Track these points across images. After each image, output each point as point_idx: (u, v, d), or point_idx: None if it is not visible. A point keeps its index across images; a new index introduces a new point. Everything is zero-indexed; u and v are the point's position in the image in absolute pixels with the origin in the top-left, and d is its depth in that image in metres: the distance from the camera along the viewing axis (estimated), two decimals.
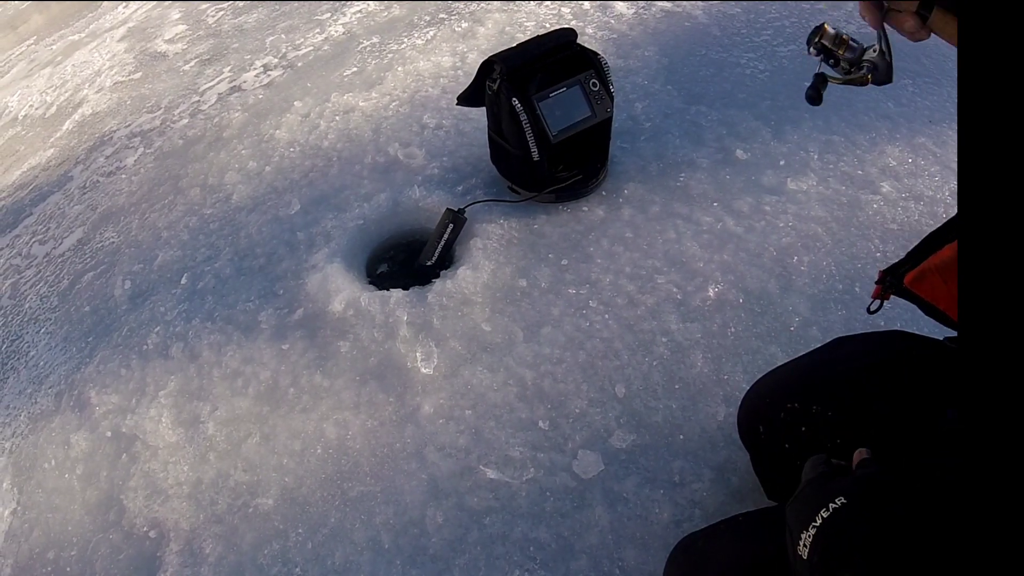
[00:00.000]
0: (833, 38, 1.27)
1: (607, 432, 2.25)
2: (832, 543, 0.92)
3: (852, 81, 1.28)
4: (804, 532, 0.95)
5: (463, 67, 4.22)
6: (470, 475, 2.24)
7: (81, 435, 2.73)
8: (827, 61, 1.30)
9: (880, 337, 1.54)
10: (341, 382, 2.59)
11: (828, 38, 1.27)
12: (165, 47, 6.42)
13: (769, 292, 2.52)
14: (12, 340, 3.48)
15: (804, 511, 0.98)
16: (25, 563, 2.47)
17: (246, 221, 3.51)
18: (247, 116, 4.50)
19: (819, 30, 1.28)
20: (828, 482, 1.01)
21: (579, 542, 2.03)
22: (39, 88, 6.78)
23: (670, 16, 4.25)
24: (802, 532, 0.95)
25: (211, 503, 2.39)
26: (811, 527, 0.94)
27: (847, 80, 1.29)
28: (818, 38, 1.28)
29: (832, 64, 1.29)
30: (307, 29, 5.65)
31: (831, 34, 1.27)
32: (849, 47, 1.26)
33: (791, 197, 2.82)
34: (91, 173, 4.68)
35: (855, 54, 1.26)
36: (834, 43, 1.27)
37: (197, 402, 2.68)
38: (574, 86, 2.76)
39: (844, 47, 1.26)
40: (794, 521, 0.99)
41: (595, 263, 2.75)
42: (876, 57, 1.24)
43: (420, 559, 2.09)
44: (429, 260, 2.90)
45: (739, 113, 3.31)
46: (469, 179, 3.29)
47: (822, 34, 1.28)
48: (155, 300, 3.23)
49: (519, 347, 2.54)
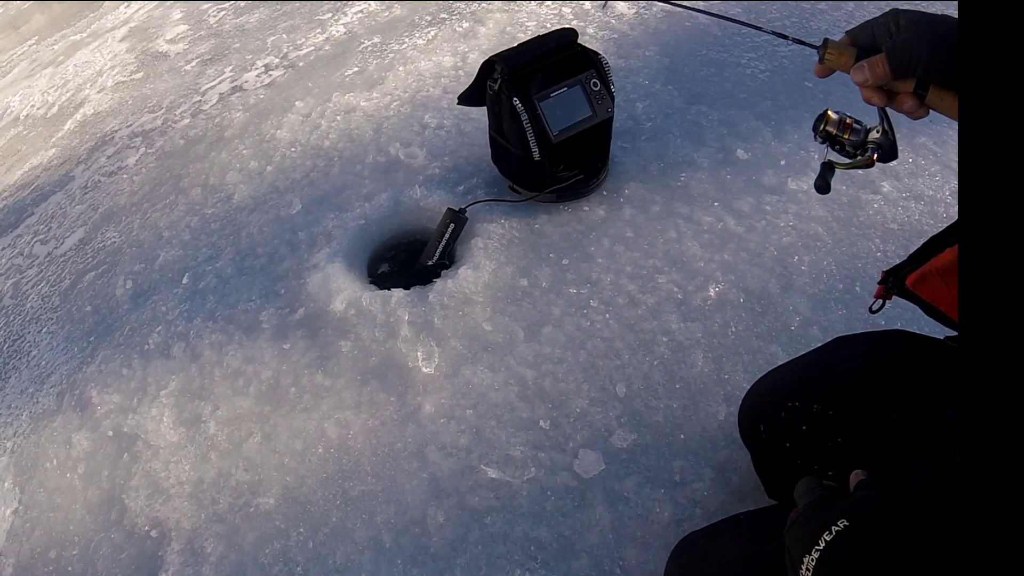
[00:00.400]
0: (837, 123, 1.27)
1: (608, 431, 2.25)
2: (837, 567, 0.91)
3: (858, 165, 1.29)
4: (807, 556, 0.94)
5: (464, 67, 4.23)
6: (471, 474, 2.24)
7: (83, 434, 2.74)
8: (833, 147, 1.31)
9: (881, 336, 1.54)
10: (342, 381, 2.59)
11: (832, 124, 1.28)
12: (167, 47, 6.44)
13: (770, 292, 2.52)
14: (14, 340, 3.49)
15: (806, 534, 0.97)
16: (27, 562, 2.47)
17: (247, 221, 3.51)
18: (248, 116, 4.50)
19: (823, 117, 1.29)
20: (829, 505, 1.01)
21: (580, 541, 2.03)
22: (41, 88, 6.79)
23: (671, 16, 4.25)
24: (804, 556, 0.95)
25: (212, 502, 2.39)
26: (814, 551, 0.94)
27: (853, 165, 1.30)
28: (823, 125, 1.29)
29: (837, 149, 1.31)
30: (308, 29, 5.66)
31: (835, 120, 1.28)
32: (853, 130, 1.27)
33: (792, 197, 2.82)
34: (93, 173, 4.69)
35: (859, 136, 1.27)
36: (839, 128, 1.27)
37: (198, 401, 2.69)
38: (575, 86, 2.76)
39: (848, 131, 1.27)
40: (795, 544, 0.98)
41: (596, 263, 2.75)
42: (880, 137, 1.25)
43: (421, 558, 2.09)
44: (430, 260, 2.90)
45: (740, 113, 3.31)
46: (470, 179, 3.29)
47: (826, 121, 1.28)
48: (156, 300, 3.24)
49: (520, 346, 2.54)
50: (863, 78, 1.16)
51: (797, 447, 1.51)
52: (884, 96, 1.17)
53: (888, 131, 1.23)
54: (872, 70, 1.14)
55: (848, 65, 1.19)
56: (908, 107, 1.15)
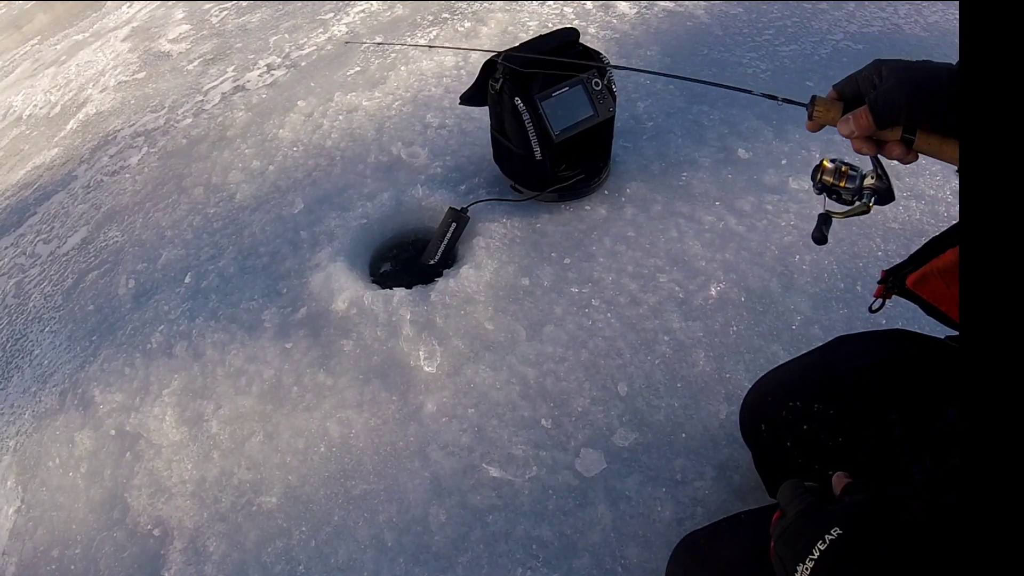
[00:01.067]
0: (833, 172, 1.30)
1: (609, 430, 2.26)
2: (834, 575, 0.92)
3: (855, 212, 1.31)
4: (800, 565, 0.94)
5: (466, 67, 4.23)
6: (473, 473, 2.24)
7: (85, 433, 2.74)
8: (831, 196, 1.33)
9: (881, 336, 1.55)
10: (344, 381, 2.59)
11: (829, 173, 1.30)
12: (169, 47, 6.44)
13: (771, 291, 2.52)
14: (16, 339, 3.49)
15: (799, 543, 0.97)
16: (30, 561, 2.48)
17: (250, 220, 3.52)
18: (251, 115, 4.51)
19: (819, 167, 1.32)
20: (819, 512, 1.01)
21: (581, 540, 2.03)
22: (43, 88, 6.80)
23: (672, 16, 4.26)
24: (798, 565, 0.94)
25: (215, 501, 2.39)
26: (808, 560, 0.94)
27: (850, 213, 1.32)
28: (820, 175, 1.32)
29: (835, 198, 1.33)
30: (310, 29, 5.67)
31: (831, 168, 1.30)
32: (849, 177, 1.29)
33: (793, 196, 2.82)
34: (95, 172, 4.69)
35: (856, 183, 1.29)
36: (835, 177, 1.30)
37: (201, 400, 2.69)
38: (576, 85, 2.76)
39: (844, 179, 1.29)
40: (787, 553, 0.98)
41: (597, 262, 2.76)
42: (875, 182, 1.27)
43: (423, 557, 2.09)
44: (432, 259, 2.91)
45: (741, 112, 3.32)
46: (472, 178, 3.29)
47: (823, 171, 1.31)
48: (159, 299, 3.24)
49: (522, 346, 2.54)
50: (849, 131, 1.19)
51: (798, 446, 1.51)
52: (873, 145, 1.20)
53: (882, 176, 1.27)
54: (857, 122, 1.17)
55: (836, 119, 1.22)
56: (897, 154, 1.18)
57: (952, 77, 1.09)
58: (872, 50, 3.67)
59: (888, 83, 1.13)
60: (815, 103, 1.25)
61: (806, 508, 1.03)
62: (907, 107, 1.11)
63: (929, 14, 3.93)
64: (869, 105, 1.15)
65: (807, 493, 1.06)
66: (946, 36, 3.71)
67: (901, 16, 3.94)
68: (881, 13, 3.98)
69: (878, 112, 1.14)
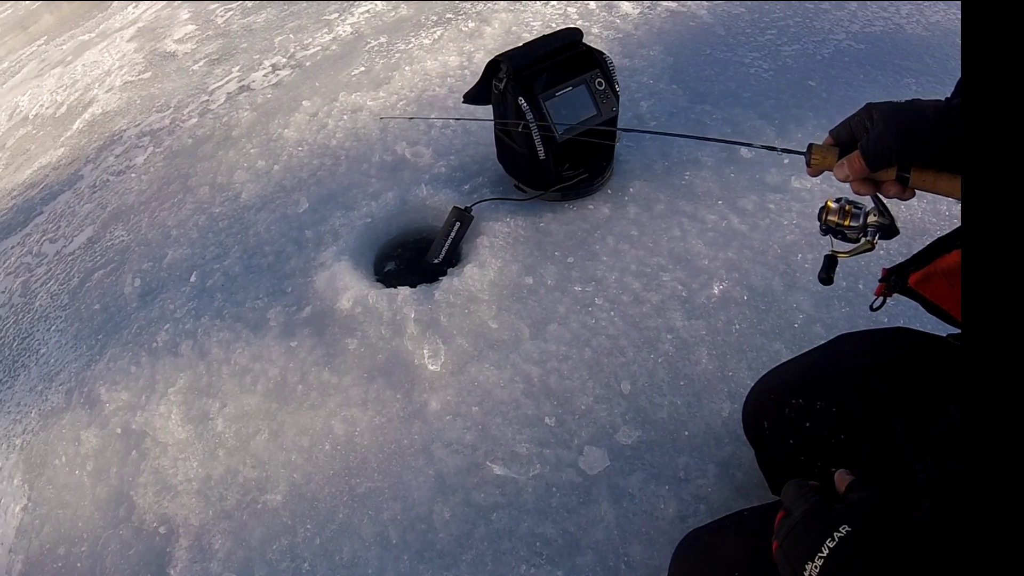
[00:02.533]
0: (838, 212, 1.34)
1: (613, 428, 2.26)
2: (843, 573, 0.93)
3: (860, 251, 1.35)
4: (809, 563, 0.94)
5: (470, 66, 4.24)
6: (477, 471, 2.25)
7: (91, 432, 2.76)
8: (836, 236, 1.37)
9: (883, 334, 1.55)
10: (349, 379, 2.61)
11: (833, 213, 1.34)
12: (174, 47, 6.46)
13: (773, 289, 2.53)
14: (23, 338, 3.51)
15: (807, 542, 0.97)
16: (36, 559, 2.49)
17: (255, 219, 3.53)
18: (256, 115, 4.52)
19: (824, 209, 1.35)
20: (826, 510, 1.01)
21: (585, 537, 2.04)
22: (49, 88, 6.82)
23: (675, 16, 4.26)
24: (806, 563, 0.95)
25: (220, 499, 2.41)
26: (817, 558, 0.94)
27: (855, 252, 1.36)
28: (825, 216, 1.35)
29: (840, 237, 1.36)
30: (315, 29, 5.68)
31: (835, 209, 1.34)
32: (852, 216, 1.32)
33: (795, 195, 2.83)
34: (101, 172, 4.71)
35: (860, 221, 1.32)
36: (839, 216, 1.33)
37: (206, 399, 2.71)
38: (580, 85, 2.76)
39: (848, 217, 1.33)
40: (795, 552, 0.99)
41: (601, 261, 2.76)
42: (878, 219, 1.31)
43: (427, 554, 2.10)
44: (436, 258, 2.92)
45: (743, 112, 3.32)
46: (476, 177, 3.30)
47: (827, 211, 1.35)
48: (164, 298, 3.26)
49: (525, 344, 2.55)
50: (844, 175, 1.25)
51: (801, 444, 1.52)
52: (871, 186, 1.24)
53: (884, 212, 1.30)
54: (851, 167, 1.23)
55: (833, 163, 1.27)
56: (894, 193, 1.23)
57: (939, 113, 1.12)
58: (874, 49, 3.67)
59: (878, 127, 1.17)
60: (812, 151, 1.29)
61: (812, 507, 1.04)
62: (897, 149, 1.16)
63: (931, 14, 3.94)
64: (861, 149, 1.20)
65: (812, 492, 1.07)
66: (948, 36, 3.71)
67: (903, 16, 3.94)
68: (883, 13, 3.98)
69: (869, 155, 1.19)
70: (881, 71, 3.50)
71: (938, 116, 1.11)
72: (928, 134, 1.12)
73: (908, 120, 1.14)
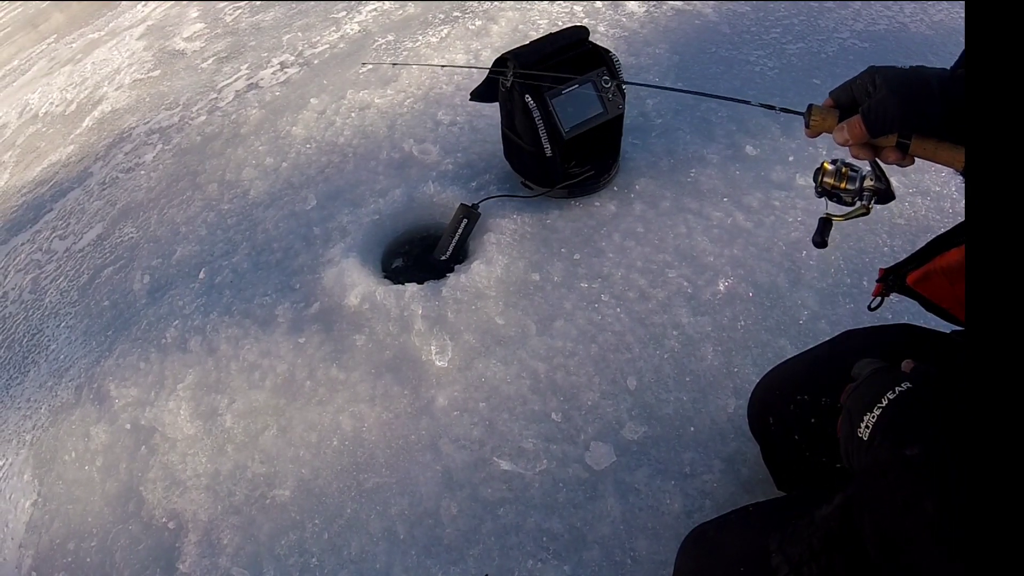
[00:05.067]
0: (834, 174, 1.32)
1: (619, 424, 2.27)
2: (899, 421, 0.94)
3: (855, 214, 1.35)
4: (868, 414, 0.96)
5: (477, 64, 4.24)
6: (484, 466, 2.26)
7: (101, 427, 2.78)
8: (831, 199, 1.36)
9: (888, 330, 1.56)
10: (357, 375, 2.62)
11: (830, 175, 1.33)
12: (183, 45, 6.48)
13: (778, 286, 2.53)
14: (33, 334, 3.53)
15: (868, 395, 0.99)
16: (46, 554, 2.51)
17: (263, 216, 3.55)
18: (264, 113, 4.54)
19: (820, 170, 1.34)
20: (891, 372, 1.03)
21: (591, 532, 2.05)
22: (59, 86, 6.85)
23: (680, 14, 4.26)
24: (865, 414, 0.97)
25: (229, 494, 2.42)
26: (876, 408, 0.96)
27: (850, 215, 1.35)
28: (821, 177, 1.34)
29: (836, 200, 1.36)
30: (323, 27, 5.70)
31: (831, 171, 1.33)
32: (849, 179, 1.32)
33: (800, 192, 2.83)
34: (110, 169, 4.74)
35: (856, 185, 1.32)
36: (836, 178, 1.32)
37: (215, 395, 2.72)
38: (586, 83, 2.77)
39: (845, 180, 1.32)
40: (855, 405, 1.01)
41: (607, 257, 2.77)
42: (875, 184, 1.30)
43: (435, 549, 2.11)
44: (443, 255, 2.93)
45: (748, 110, 3.29)
46: (483, 175, 3.31)
47: (824, 173, 1.34)
48: (173, 294, 3.28)
49: (532, 340, 2.56)
50: (844, 139, 1.22)
51: (806, 439, 1.53)
52: (870, 151, 1.23)
53: (881, 177, 1.29)
54: (851, 131, 1.20)
55: (833, 126, 1.25)
56: (893, 159, 1.21)
57: (943, 83, 1.11)
58: (878, 48, 3.67)
59: (881, 93, 1.16)
60: (811, 112, 1.27)
61: (879, 368, 1.06)
62: (899, 116, 1.14)
63: (935, 12, 3.93)
64: (862, 115, 1.18)
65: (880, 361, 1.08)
66: (952, 34, 3.70)
67: (907, 14, 3.94)
68: (887, 11, 3.98)
69: (871, 121, 1.17)
70: None
71: (942, 86, 1.11)
72: (931, 103, 1.12)
73: (913, 88, 1.13)
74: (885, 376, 1.02)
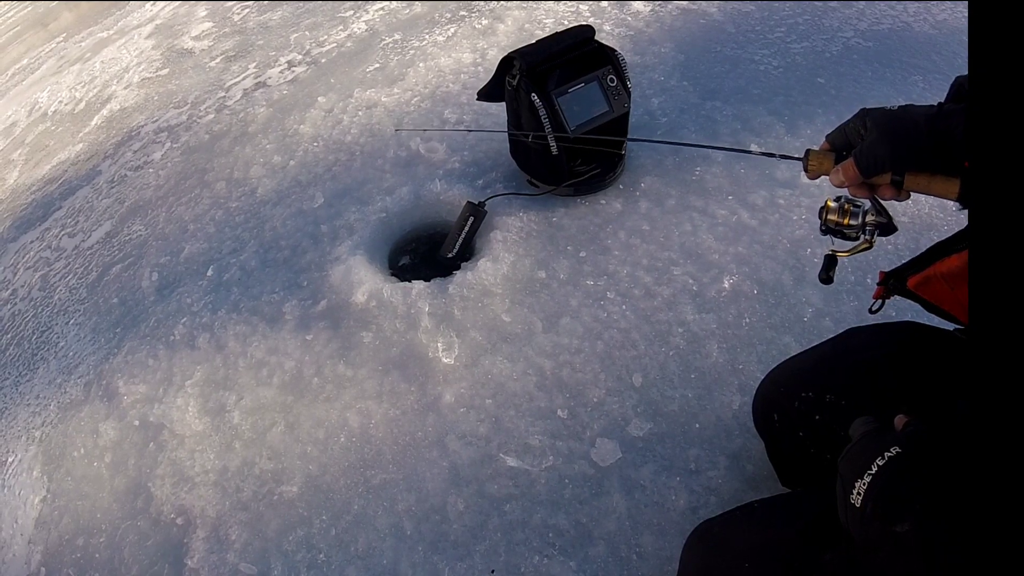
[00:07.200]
0: (837, 211, 1.36)
1: (624, 421, 2.28)
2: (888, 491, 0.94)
3: (859, 250, 1.38)
4: (858, 480, 0.97)
5: (483, 63, 4.26)
6: (490, 463, 2.27)
7: (109, 424, 2.80)
8: (836, 235, 1.40)
9: (892, 328, 1.56)
10: (364, 372, 2.63)
11: (833, 212, 1.36)
12: (192, 44, 6.50)
13: (783, 283, 2.54)
14: (42, 331, 3.55)
15: (859, 461, 1.00)
16: (55, 549, 2.53)
17: (271, 214, 3.56)
18: (272, 111, 4.56)
19: (824, 208, 1.38)
20: (882, 435, 1.04)
21: (597, 528, 2.06)
22: (68, 84, 6.88)
23: (686, 13, 4.27)
24: (856, 480, 0.98)
25: (237, 490, 2.44)
26: (866, 475, 0.97)
27: (854, 251, 1.39)
28: (825, 215, 1.37)
29: (840, 236, 1.39)
30: (331, 26, 5.71)
31: (835, 208, 1.36)
32: (852, 214, 1.35)
33: (804, 191, 2.84)
34: (119, 167, 4.76)
35: (859, 220, 1.35)
36: (839, 215, 1.36)
37: (223, 391, 2.74)
38: (592, 82, 2.78)
39: (848, 216, 1.35)
40: (848, 471, 1.01)
41: (612, 255, 2.78)
42: (876, 218, 1.34)
43: (442, 545, 2.13)
44: (450, 252, 2.93)
45: (753, 108, 3.33)
46: (489, 173, 3.33)
47: (827, 211, 1.37)
48: (182, 291, 3.30)
49: (538, 337, 2.57)
50: (839, 181, 1.27)
51: (811, 436, 1.53)
52: (867, 189, 1.27)
53: (881, 211, 1.33)
54: (846, 174, 1.25)
55: (829, 169, 1.29)
56: (889, 195, 1.26)
57: (930, 120, 1.14)
58: (882, 47, 3.67)
59: (872, 136, 1.20)
60: (809, 157, 1.31)
61: (870, 431, 1.07)
62: (890, 156, 1.18)
63: (938, 12, 3.93)
64: (854, 158, 1.22)
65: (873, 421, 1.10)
66: (955, 34, 3.70)
67: (911, 14, 3.94)
68: (891, 11, 3.98)
69: (863, 164, 1.21)
70: (889, 68, 3.50)
71: (930, 123, 1.14)
72: (919, 142, 1.15)
73: (900, 129, 1.17)
74: (875, 440, 1.02)
